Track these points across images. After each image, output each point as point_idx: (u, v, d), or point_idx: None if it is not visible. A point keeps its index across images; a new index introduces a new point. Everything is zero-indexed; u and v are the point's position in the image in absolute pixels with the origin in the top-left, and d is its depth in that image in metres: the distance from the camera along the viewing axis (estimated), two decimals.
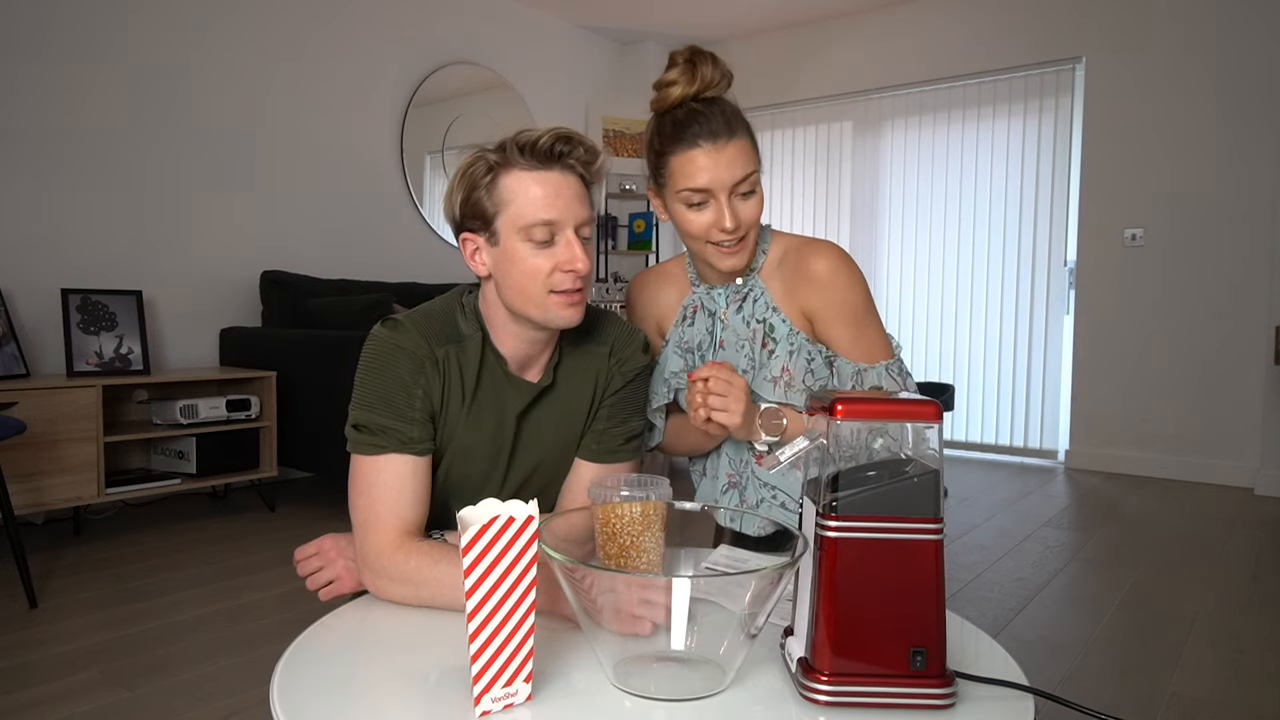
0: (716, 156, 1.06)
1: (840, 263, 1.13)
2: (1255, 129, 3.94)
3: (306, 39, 3.99)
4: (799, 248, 1.18)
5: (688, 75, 1.09)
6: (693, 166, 1.07)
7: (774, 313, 1.17)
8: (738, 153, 1.07)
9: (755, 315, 1.18)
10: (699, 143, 1.07)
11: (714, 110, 1.08)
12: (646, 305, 1.30)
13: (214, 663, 1.95)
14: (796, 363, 1.15)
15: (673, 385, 1.24)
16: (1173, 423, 4.18)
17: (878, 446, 0.76)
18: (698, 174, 1.07)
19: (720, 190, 1.08)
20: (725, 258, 1.12)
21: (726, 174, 1.07)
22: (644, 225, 5.49)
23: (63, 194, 3.22)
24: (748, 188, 1.09)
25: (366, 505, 0.98)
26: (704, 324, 1.23)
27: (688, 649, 0.73)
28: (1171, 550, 2.98)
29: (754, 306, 1.19)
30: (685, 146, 1.08)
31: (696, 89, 1.09)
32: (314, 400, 3.26)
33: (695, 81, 1.09)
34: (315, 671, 0.78)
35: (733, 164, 1.07)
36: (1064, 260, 4.52)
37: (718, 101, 1.10)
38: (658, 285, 1.29)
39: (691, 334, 1.24)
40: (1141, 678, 1.95)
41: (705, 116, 1.07)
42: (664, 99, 1.11)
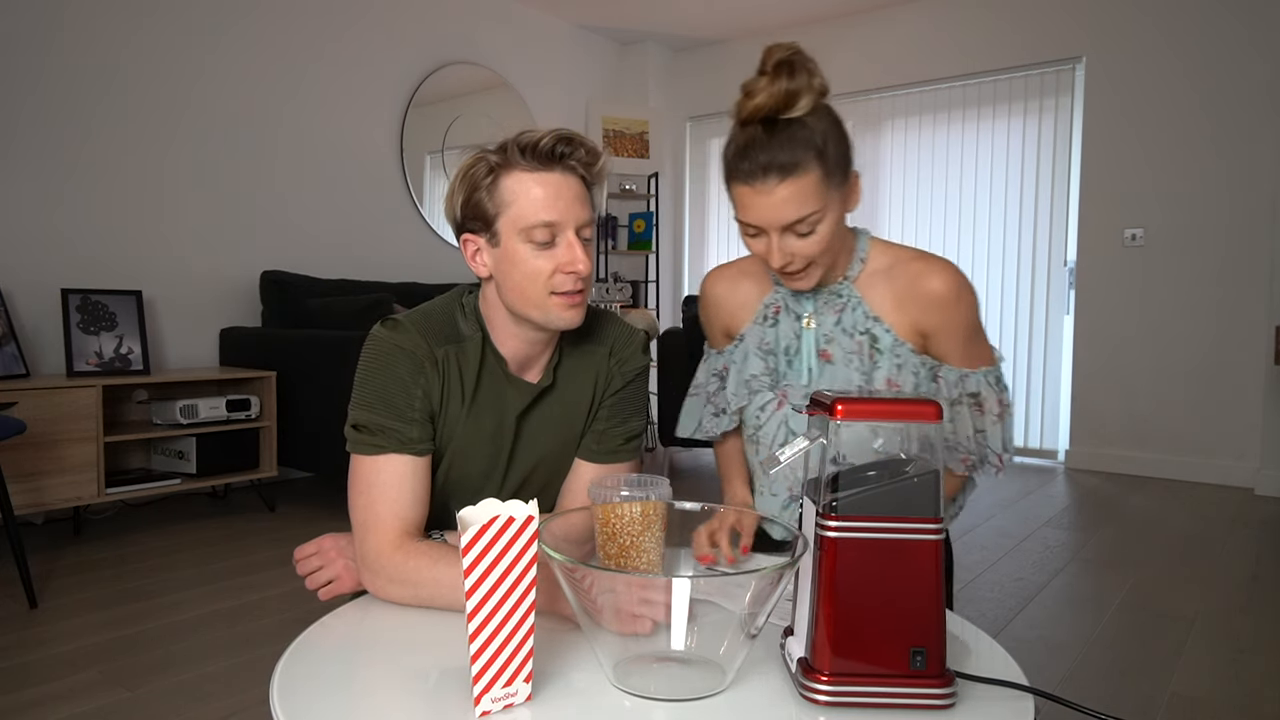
0: (767, 199, 0.99)
1: (960, 282, 1.10)
2: (1255, 129, 3.94)
3: (306, 39, 3.99)
4: (911, 262, 1.12)
5: (769, 88, 0.98)
6: (744, 203, 1.01)
7: (875, 323, 1.12)
8: (794, 194, 0.98)
9: (856, 326, 1.13)
10: (751, 181, 0.99)
11: (779, 141, 0.97)
12: (721, 301, 1.24)
13: (214, 663, 1.95)
14: (904, 377, 1.11)
15: (753, 387, 1.19)
16: (1173, 423, 4.18)
17: (877, 446, 0.76)
18: (747, 211, 1.02)
19: (772, 230, 1.01)
20: (786, 281, 1.09)
21: (774, 216, 1.00)
22: (644, 225, 5.49)
23: (63, 194, 3.22)
24: (805, 228, 1.01)
25: (366, 505, 0.98)
26: (789, 327, 1.17)
27: (688, 649, 0.73)
28: (1171, 550, 2.98)
29: (853, 316, 1.13)
30: (740, 180, 1.01)
31: (774, 105, 0.98)
32: (314, 400, 3.26)
33: (772, 96, 0.98)
34: (315, 671, 0.78)
35: (784, 207, 0.99)
36: (1064, 260, 4.52)
37: (793, 127, 0.98)
38: (734, 281, 1.23)
39: (774, 336, 1.18)
40: (1141, 678, 1.95)
41: (763, 150, 0.98)
42: (742, 109, 1.01)
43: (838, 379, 1.14)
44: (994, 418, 1.11)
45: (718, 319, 1.25)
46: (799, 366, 1.16)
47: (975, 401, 1.12)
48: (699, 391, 1.30)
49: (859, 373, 1.12)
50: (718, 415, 1.25)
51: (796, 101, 0.98)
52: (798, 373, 1.17)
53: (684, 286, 6.03)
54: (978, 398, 1.11)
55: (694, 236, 6.00)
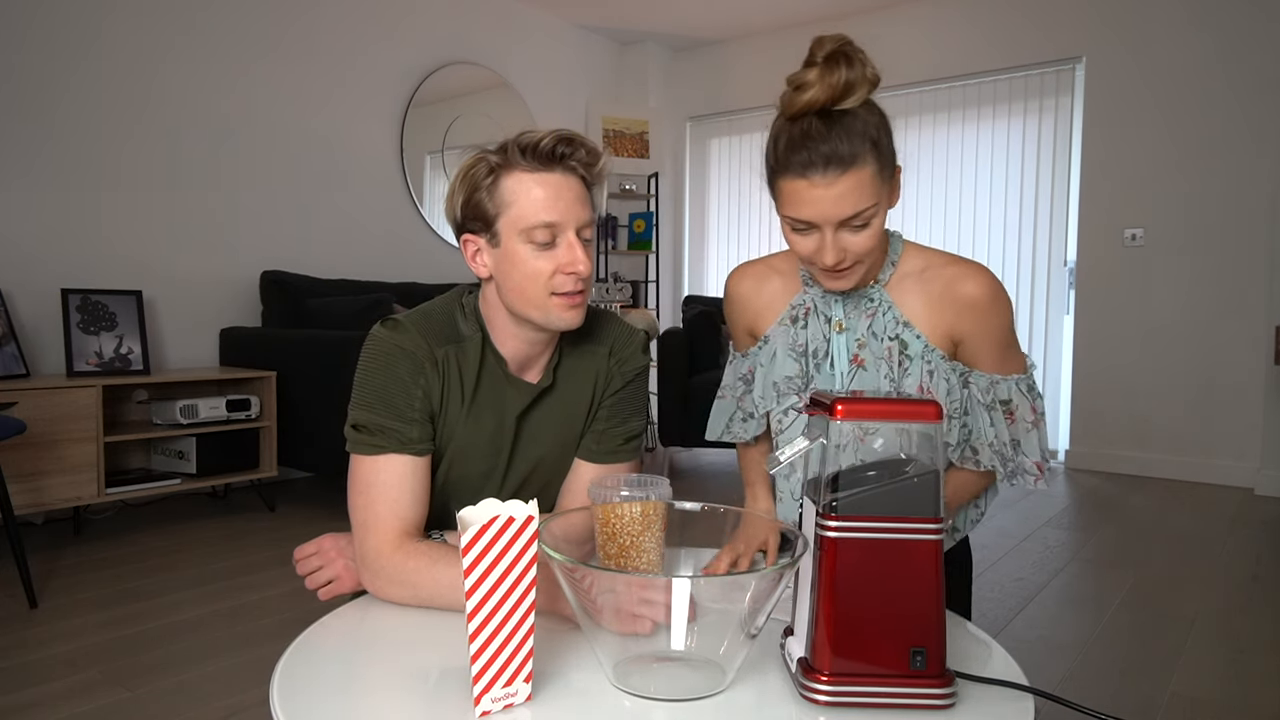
0: (825, 192, 0.94)
1: (996, 288, 1.07)
2: (1255, 128, 3.94)
3: (307, 39, 3.99)
4: (945, 266, 1.10)
5: (822, 79, 0.95)
6: (798, 197, 0.96)
7: (906, 328, 1.09)
8: (852, 187, 0.94)
9: (886, 331, 1.10)
10: (807, 174, 0.94)
11: (838, 133, 0.94)
12: (747, 299, 1.20)
13: (214, 663, 1.95)
14: (937, 383, 1.09)
15: (782, 390, 1.16)
16: (1173, 423, 4.18)
17: (877, 446, 0.76)
18: (802, 206, 0.96)
19: (826, 225, 0.97)
20: (829, 279, 1.04)
21: (833, 211, 0.95)
22: (644, 225, 5.49)
23: (63, 194, 3.22)
24: (860, 222, 0.97)
25: (366, 505, 0.98)
26: (818, 329, 1.14)
27: (688, 649, 0.73)
28: (1171, 550, 2.98)
29: (884, 320, 1.10)
30: (794, 174, 0.96)
31: (829, 97, 0.95)
32: (314, 400, 3.26)
33: (827, 88, 0.94)
34: (315, 671, 0.78)
35: (841, 201, 0.95)
36: (1064, 260, 4.52)
37: (846, 119, 0.96)
38: (761, 278, 1.19)
39: (805, 337, 1.15)
40: (1141, 678, 1.95)
41: (823, 142, 0.94)
42: (791, 103, 0.97)
43: (868, 385, 1.11)
44: (1028, 425, 1.09)
45: (742, 317, 1.21)
46: (828, 371, 1.13)
47: (1007, 409, 1.09)
48: (727, 394, 1.27)
49: (888, 379, 1.10)
50: (746, 420, 1.23)
51: (853, 92, 0.96)
52: (827, 377, 1.14)
53: (684, 286, 6.03)
54: (1009, 405, 1.09)
55: (694, 236, 6.00)
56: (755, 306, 1.20)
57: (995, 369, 1.09)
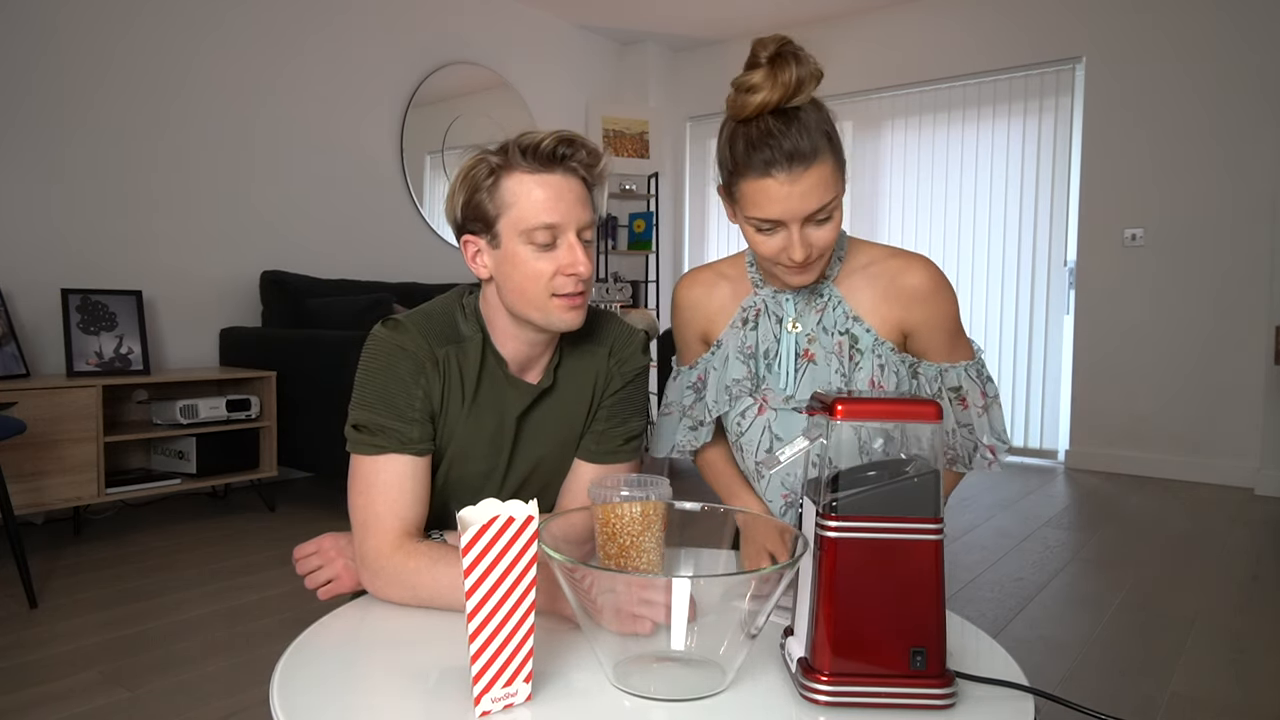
0: (791, 188, 0.95)
1: (938, 277, 1.09)
2: (1255, 129, 3.94)
3: (307, 39, 3.99)
4: (888, 259, 1.11)
5: (771, 80, 0.95)
6: (764, 196, 0.97)
7: (855, 323, 1.10)
8: (816, 182, 0.95)
9: (837, 326, 1.11)
10: (772, 172, 0.95)
11: (794, 129, 0.95)
12: (696, 305, 1.20)
13: (214, 663, 1.95)
14: (887, 377, 1.10)
15: (734, 393, 1.15)
16: (1173, 423, 4.18)
17: (876, 446, 0.76)
18: (769, 205, 0.97)
19: (793, 222, 0.98)
20: (793, 275, 1.04)
21: (799, 206, 0.96)
22: (644, 225, 5.49)
23: (63, 194, 3.22)
24: (824, 215, 0.98)
25: (366, 505, 0.98)
26: (769, 329, 1.14)
27: (688, 649, 0.73)
28: (1171, 550, 2.98)
29: (834, 315, 1.11)
30: (757, 174, 0.96)
31: (780, 97, 0.95)
32: (314, 400, 3.26)
33: (778, 88, 0.94)
34: (315, 671, 0.78)
35: (808, 195, 0.96)
36: (1064, 260, 4.52)
37: (801, 116, 0.96)
38: (711, 284, 1.19)
39: (755, 339, 1.15)
40: (1141, 678, 1.95)
41: (782, 139, 0.94)
42: (742, 106, 0.97)
43: (819, 380, 1.12)
44: (979, 410, 1.11)
45: (695, 324, 1.21)
46: (778, 370, 1.14)
47: (958, 396, 1.11)
48: (672, 410, 1.25)
49: (839, 374, 1.11)
50: (695, 428, 1.21)
51: (803, 90, 0.96)
52: (776, 376, 1.14)
53: None
54: (959, 391, 1.10)
55: (694, 236, 6.00)
56: (708, 312, 1.20)
57: (945, 357, 1.11)
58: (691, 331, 1.22)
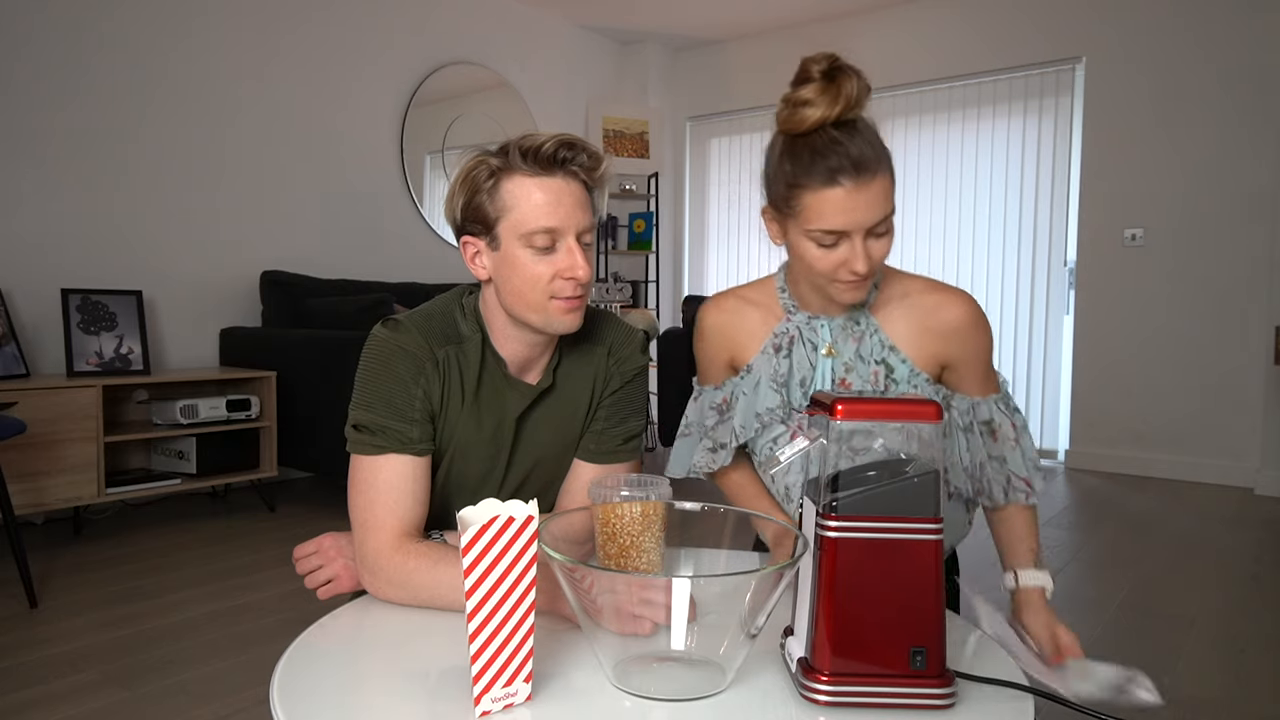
0: (857, 197, 0.94)
1: (978, 312, 1.09)
2: (1255, 128, 3.94)
3: (307, 39, 3.99)
4: (927, 291, 1.11)
5: (829, 96, 0.95)
6: (831, 207, 0.95)
7: (892, 352, 1.09)
8: (880, 191, 0.95)
9: (873, 355, 1.10)
10: (840, 180, 0.94)
11: (857, 140, 0.95)
12: (726, 329, 1.17)
13: (214, 663, 1.95)
14: None
15: (765, 420, 1.13)
16: (1173, 423, 4.18)
17: (876, 446, 0.76)
18: (836, 215, 0.95)
19: (856, 232, 0.96)
20: (848, 292, 1.03)
21: (865, 215, 0.95)
22: (644, 225, 5.49)
23: (63, 194, 3.22)
24: (884, 228, 0.98)
25: (366, 505, 0.97)
26: (804, 356, 1.12)
27: (688, 649, 0.73)
28: (1171, 550, 2.98)
29: (870, 344, 1.10)
30: (823, 183, 0.95)
31: (839, 111, 0.95)
32: (314, 400, 3.26)
33: (838, 102, 0.94)
34: (315, 671, 0.78)
35: (873, 205, 0.95)
36: (1064, 260, 4.52)
37: (859, 127, 0.96)
38: (739, 310, 1.17)
39: (788, 366, 1.13)
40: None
41: (848, 148, 0.94)
42: (799, 121, 0.97)
43: None
44: (1011, 442, 1.10)
45: (722, 349, 1.18)
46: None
47: (989, 429, 1.10)
48: (691, 431, 1.22)
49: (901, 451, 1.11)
50: (715, 450, 1.18)
51: (861, 103, 0.97)
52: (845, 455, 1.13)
53: (684, 286, 6.02)
54: (991, 424, 1.10)
55: (694, 236, 6.00)
56: (737, 338, 1.17)
57: (977, 391, 1.11)
58: (719, 358, 1.19)
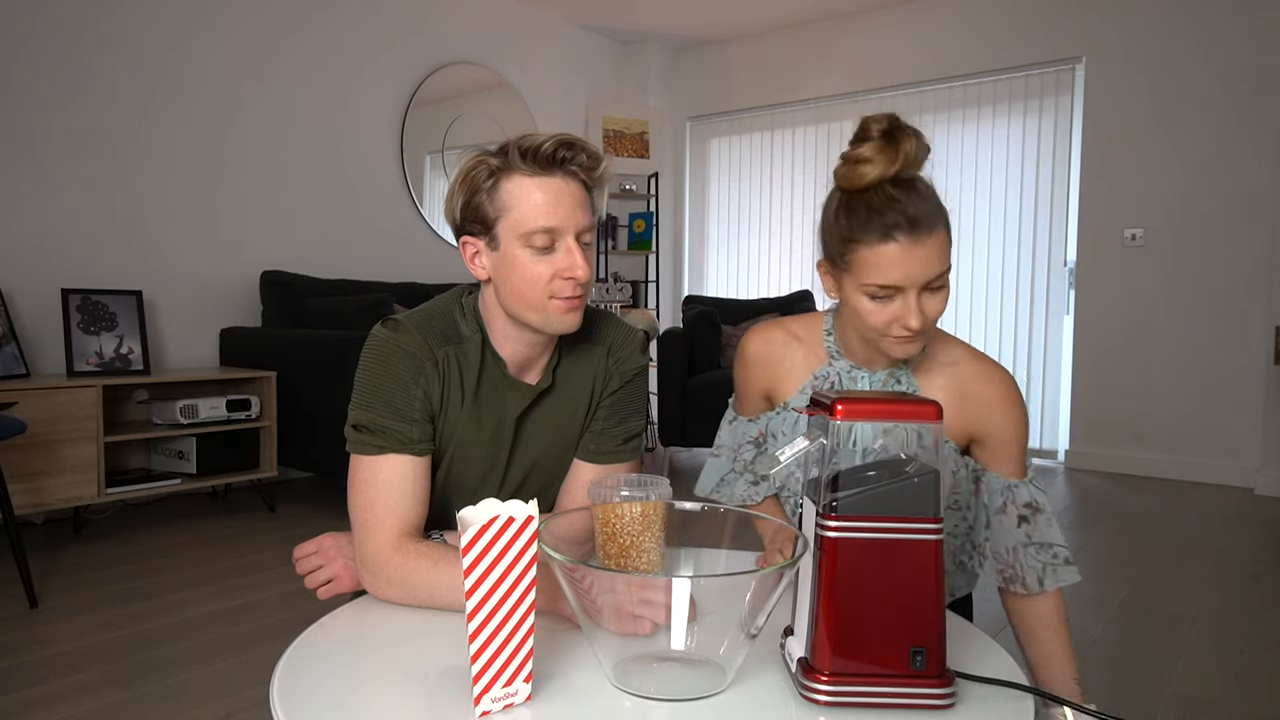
0: (913, 253, 0.95)
1: (1016, 391, 1.09)
2: (1255, 128, 3.94)
3: (307, 39, 3.99)
4: (969, 361, 1.10)
5: (888, 155, 0.97)
6: (886, 261, 0.96)
7: None
8: (936, 249, 0.96)
9: None
10: (896, 236, 0.95)
11: (914, 199, 0.96)
12: (766, 364, 1.17)
13: (214, 663, 1.95)
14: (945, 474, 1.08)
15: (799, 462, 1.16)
16: (1173, 423, 4.18)
17: (877, 446, 0.76)
18: (891, 270, 0.96)
19: (911, 288, 0.97)
20: (899, 346, 1.02)
21: (921, 272, 0.96)
22: (644, 225, 5.49)
23: (63, 194, 3.22)
24: (940, 283, 0.99)
25: (366, 506, 0.97)
26: None
27: (688, 649, 0.73)
28: (1171, 550, 2.98)
29: None
30: (879, 239, 0.96)
31: (896, 170, 0.97)
32: (314, 400, 3.26)
33: (897, 161, 0.97)
34: (315, 671, 0.78)
35: (929, 262, 0.96)
36: (1064, 260, 4.52)
37: (920, 185, 0.98)
38: (785, 344, 1.16)
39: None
40: (1141, 678, 1.95)
41: (905, 206, 0.96)
42: (857, 178, 0.98)
43: None
44: (1047, 519, 1.10)
45: (761, 380, 1.18)
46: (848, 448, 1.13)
47: (1032, 510, 1.10)
48: (723, 454, 1.23)
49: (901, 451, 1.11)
50: (757, 483, 1.20)
51: (918, 164, 0.99)
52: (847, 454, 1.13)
53: (684, 286, 6.03)
54: (1033, 506, 1.10)
55: (694, 236, 6.00)
56: (777, 372, 1.17)
57: (1014, 473, 1.10)
58: (757, 387, 1.19)
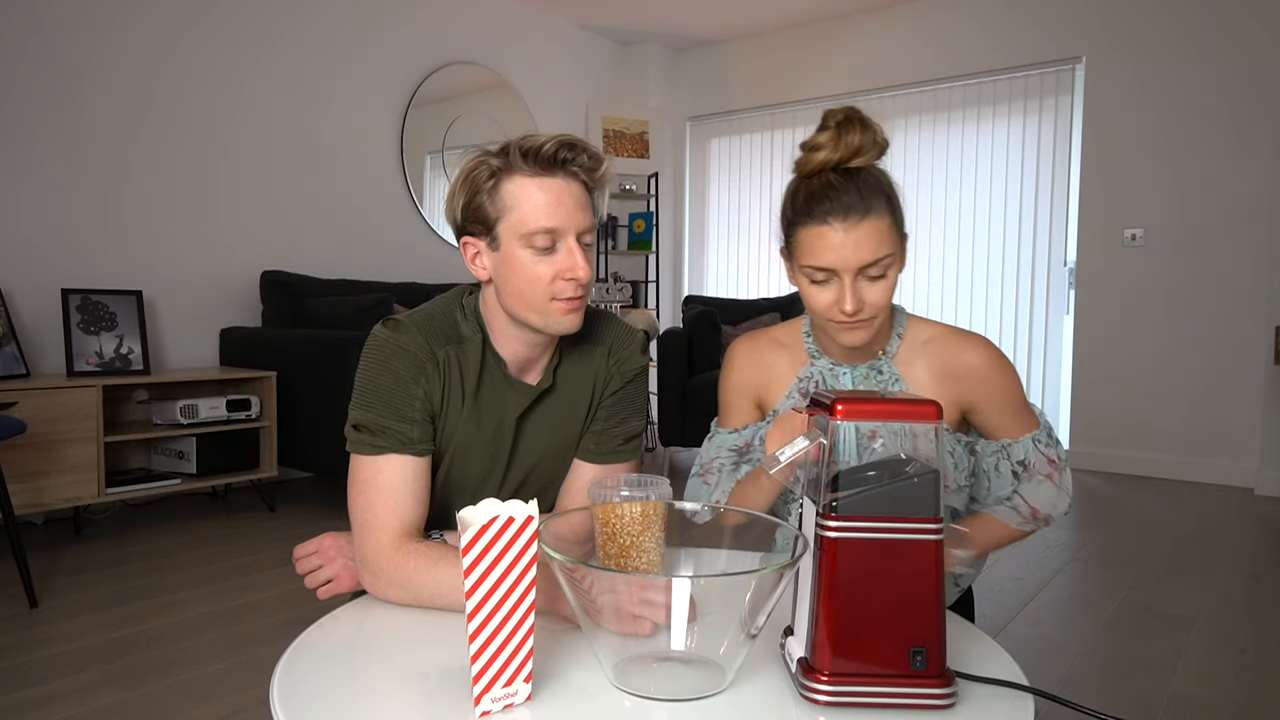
0: (845, 237, 1.00)
1: (996, 354, 1.11)
2: (1255, 128, 3.94)
3: (307, 39, 3.99)
4: (944, 338, 1.13)
5: (834, 141, 1.02)
6: (820, 244, 1.01)
7: None
8: (870, 234, 1.00)
9: None
10: (829, 220, 1.00)
11: (852, 185, 1.01)
12: (754, 369, 1.20)
13: (214, 663, 1.95)
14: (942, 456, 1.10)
15: None
16: (1173, 423, 4.18)
17: (878, 447, 0.76)
18: (823, 252, 1.01)
19: (845, 272, 1.01)
20: (844, 332, 1.06)
21: (853, 256, 1.00)
22: (644, 225, 5.49)
23: (63, 194, 3.22)
24: (878, 271, 1.02)
25: (366, 505, 0.97)
26: None
27: (688, 649, 0.73)
28: (1171, 550, 2.98)
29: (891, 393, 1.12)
30: (814, 221, 1.01)
31: (841, 156, 1.02)
32: (314, 400, 3.25)
33: (840, 148, 1.02)
34: (315, 671, 0.78)
35: (861, 246, 1.00)
36: (1064, 260, 4.52)
37: (861, 174, 1.02)
38: (769, 349, 1.20)
39: None
40: (1141, 678, 1.95)
41: (840, 192, 1.00)
42: (806, 163, 1.04)
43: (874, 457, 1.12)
44: (1041, 477, 1.12)
45: (750, 387, 1.20)
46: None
47: (1024, 467, 1.12)
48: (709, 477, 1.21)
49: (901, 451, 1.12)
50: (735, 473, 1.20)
51: (863, 154, 1.03)
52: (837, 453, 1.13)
53: (684, 286, 6.02)
54: (1025, 463, 1.12)
55: (694, 236, 6.00)
56: (765, 377, 1.19)
57: (1015, 431, 1.12)
58: (744, 395, 1.20)
